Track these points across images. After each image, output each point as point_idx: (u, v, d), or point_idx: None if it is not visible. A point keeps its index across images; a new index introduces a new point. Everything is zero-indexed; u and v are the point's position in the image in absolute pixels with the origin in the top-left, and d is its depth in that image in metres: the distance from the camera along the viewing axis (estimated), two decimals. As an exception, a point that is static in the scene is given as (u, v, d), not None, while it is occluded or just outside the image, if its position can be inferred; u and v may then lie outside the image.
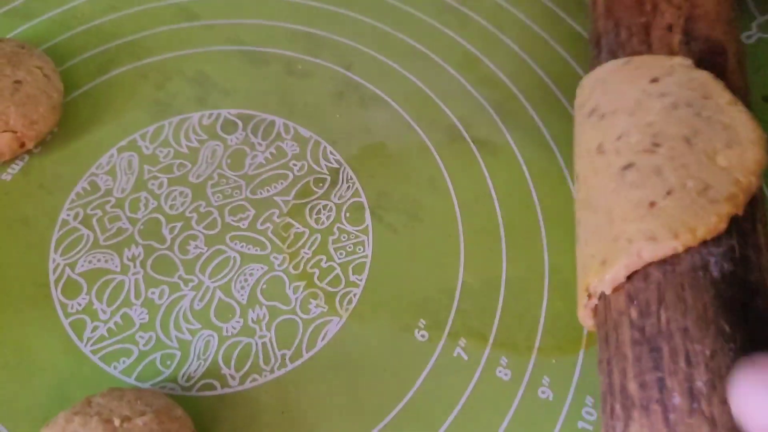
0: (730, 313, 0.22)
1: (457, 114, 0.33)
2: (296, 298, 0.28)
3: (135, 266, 0.29)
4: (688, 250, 0.23)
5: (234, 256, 0.29)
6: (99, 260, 0.29)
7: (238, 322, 0.28)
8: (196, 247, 0.29)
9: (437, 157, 0.32)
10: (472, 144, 0.32)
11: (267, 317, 0.28)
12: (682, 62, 0.26)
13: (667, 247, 0.23)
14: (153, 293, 0.28)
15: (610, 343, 0.24)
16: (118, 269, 0.29)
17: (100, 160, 0.32)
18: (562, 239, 0.29)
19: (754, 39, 0.35)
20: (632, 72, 0.27)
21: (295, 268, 0.29)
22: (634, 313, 0.23)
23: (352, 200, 0.30)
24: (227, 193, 0.31)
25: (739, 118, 0.24)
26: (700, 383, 0.21)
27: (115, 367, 0.27)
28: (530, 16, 0.36)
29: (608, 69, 0.28)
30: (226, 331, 0.28)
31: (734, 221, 0.23)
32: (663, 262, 0.23)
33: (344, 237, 0.30)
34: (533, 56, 0.34)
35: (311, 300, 0.28)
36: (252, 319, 0.28)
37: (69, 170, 0.31)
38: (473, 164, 0.31)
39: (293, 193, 0.31)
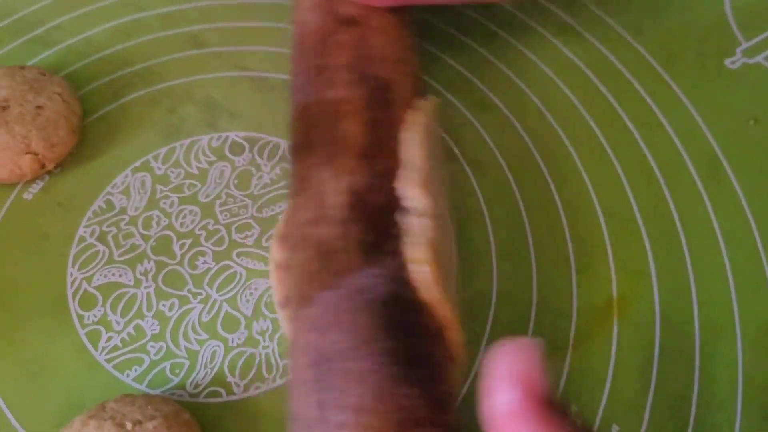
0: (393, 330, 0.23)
1: (453, 136, 0.34)
2: (298, 311, 0.30)
3: (147, 280, 0.31)
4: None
5: (240, 272, 0.31)
6: (114, 274, 0.31)
7: (243, 333, 0.30)
8: (205, 262, 0.31)
9: (432, 177, 0.33)
10: (465, 164, 0.34)
11: (270, 329, 0.30)
12: None
13: None
14: (164, 306, 0.30)
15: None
16: (132, 283, 0.31)
17: (115, 180, 0.33)
18: (551, 257, 0.31)
19: (738, 64, 0.37)
20: None
21: (297, 282, 0.31)
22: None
23: (351, 218, 0.32)
24: (234, 211, 0.33)
25: None
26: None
27: (127, 375, 0.29)
28: (522, 42, 0.38)
29: None
30: (232, 342, 0.29)
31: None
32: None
33: (343, 253, 0.31)
34: (524, 81, 0.36)
35: (312, 313, 0.30)
36: (256, 330, 0.30)
37: (86, 189, 0.33)
38: (466, 184, 0.33)
39: (296, 211, 0.32)
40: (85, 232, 0.32)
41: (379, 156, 0.26)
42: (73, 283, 0.31)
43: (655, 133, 0.34)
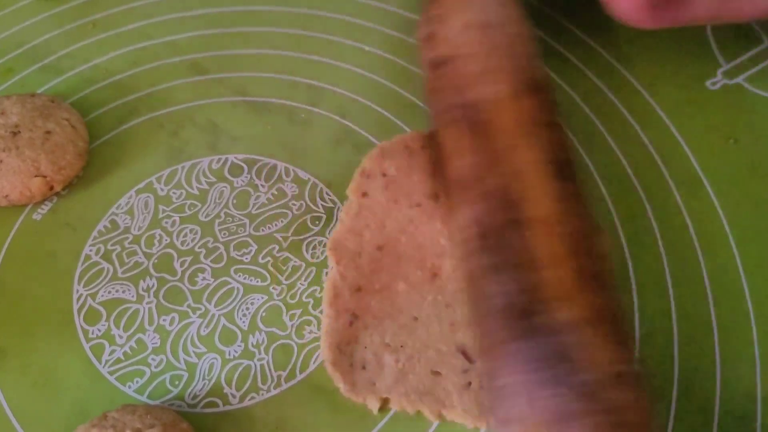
0: None
1: (442, 157, 0.36)
2: (292, 325, 0.31)
3: (149, 296, 0.32)
4: None
5: (237, 287, 0.32)
6: (117, 291, 0.33)
7: (239, 346, 0.31)
8: (204, 279, 0.33)
9: (422, 196, 0.35)
10: (454, 184, 0.35)
11: (265, 342, 0.31)
12: None
13: None
14: (164, 320, 0.32)
15: None
16: (134, 299, 0.32)
17: (120, 201, 0.35)
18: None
19: (719, 86, 0.38)
20: None
21: (292, 298, 0.32)
22: None
23: (344, 236, 0.34)
24: (232, 230, 0.34)
25: None
26: None
27: (129, 386, 0.30)
28: (511, 67, 0.39)
29: None
30: (229, 354, 0.31)
31: None
32: None
33: (336, 269, 0.33)
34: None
35: (305, 326, 0.31)
36: (252, 343, 0.31)
37: (92, 210, 0.35)
38: (454, 203, 0.34)
39: (292, 230, 0.34)
40: (90, 250, 0.34)
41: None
42: (78, 299, 0.32)
43: (637, 153, 0.36)
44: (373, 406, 0.29)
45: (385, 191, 0.32)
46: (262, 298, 0.32)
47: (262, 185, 0.35)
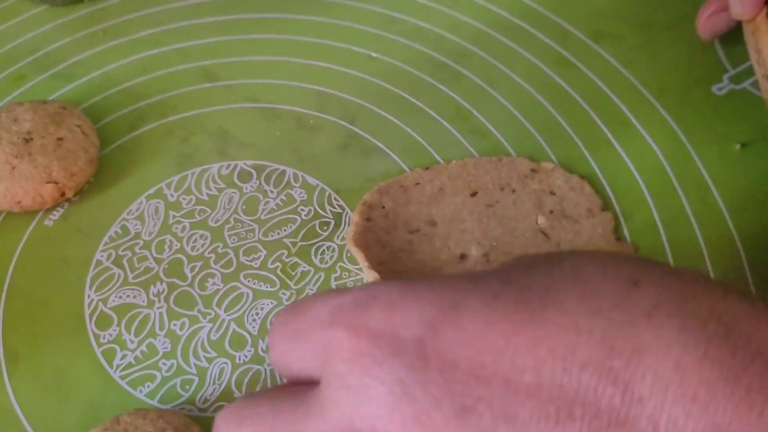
0: None
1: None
2: (301, 330, 0.32)
3: (159, 301, 0.33)
4: None
5: (247, 292, 0.33)
6: (128, 296, 0.33)
7: (249, 351, 0.31)
8: (214, 284, 0.33)
9: (430, 202, 0.35)
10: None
11: (275, 347, 0.31)
12: None
13: None
14: (175, 325, 0.32)
15: None
16: (145, 304, 0.33)
17: (130, 207, 0.35)
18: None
19: (725, 90, 0.38)
20: None
21: (301, 302, 0.32)
22: None
23: (352, 241, 0.34)
24: (242, 235, 0.34)
25: None
26: None
27: (140, 391, 0.30)
28: (518, 73, 0.39)
29: None
30: (239, 359, 0.31)
31: None
32: None
33: (345, 275, 0.33)
34: (520, 110, 0.38)
35: (314, 331, 0.32)
36: (262, 348, 0.31)
37: (103, 216, 0.35)
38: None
39: (300, 235, 0.34)
40: (101, 256, 0.34)
41: None
42: (90, 304, 0.33)
43: (645, 159, 0.36)
44: None
45: (385, 220, 0.33)
46: (272, 303, 0.32)
47: (271, 191, 0.36)
